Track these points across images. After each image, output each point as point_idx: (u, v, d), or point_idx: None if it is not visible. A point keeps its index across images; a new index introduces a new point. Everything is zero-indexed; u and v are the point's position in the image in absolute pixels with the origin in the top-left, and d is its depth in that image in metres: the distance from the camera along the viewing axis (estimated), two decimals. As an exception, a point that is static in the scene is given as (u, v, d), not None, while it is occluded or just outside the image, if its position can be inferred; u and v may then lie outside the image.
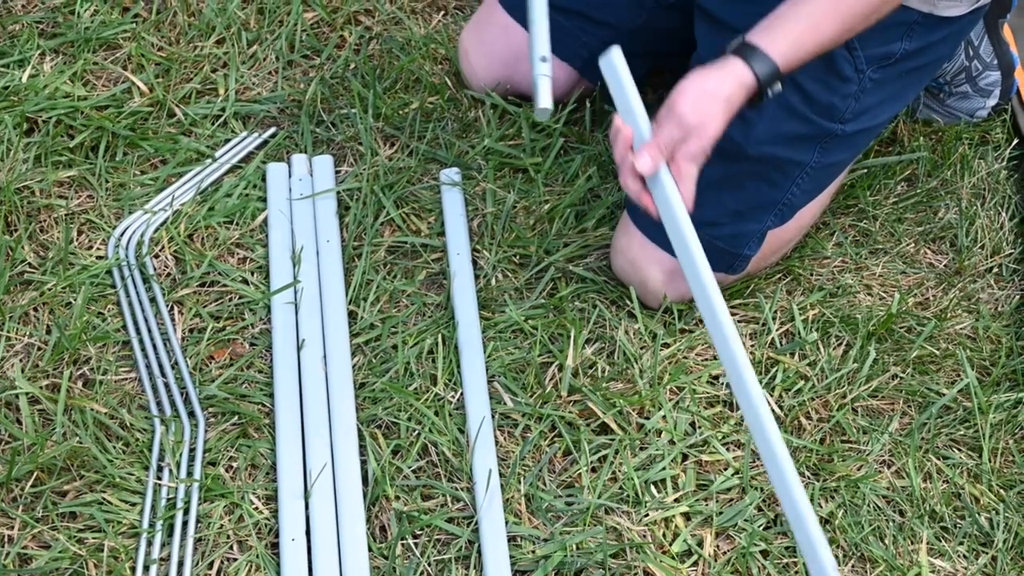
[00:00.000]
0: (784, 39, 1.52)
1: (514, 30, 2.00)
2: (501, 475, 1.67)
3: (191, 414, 1.71)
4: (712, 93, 1.50)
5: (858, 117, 1.77)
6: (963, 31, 1.81)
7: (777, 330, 1.85)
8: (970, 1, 1.75)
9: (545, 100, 1.58)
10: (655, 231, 1.80)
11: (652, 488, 1.68)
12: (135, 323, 1.80)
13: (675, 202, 1.45)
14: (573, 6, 1.95)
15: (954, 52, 2.00)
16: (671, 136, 1.47)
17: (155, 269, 1.86)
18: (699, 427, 1.74)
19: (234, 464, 1.67)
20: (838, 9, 1.52)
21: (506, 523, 1.62)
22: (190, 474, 1.65)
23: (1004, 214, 2.03)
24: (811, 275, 1.93)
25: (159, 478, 1.64)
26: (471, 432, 1.69)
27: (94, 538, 1.58)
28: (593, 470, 1.69)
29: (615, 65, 1.51)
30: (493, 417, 1.72)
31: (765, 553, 1.63)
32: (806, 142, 1.76)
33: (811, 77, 1.70)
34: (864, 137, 1.83)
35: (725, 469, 1.71)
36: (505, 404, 1.75)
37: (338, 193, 1.97)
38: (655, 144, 1.47)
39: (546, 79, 1.58)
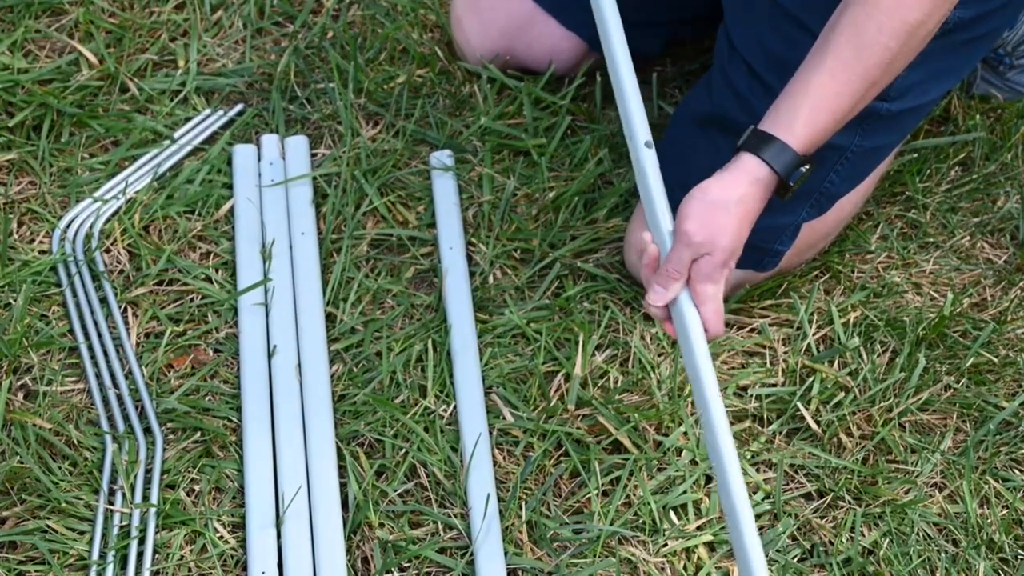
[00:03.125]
0: (797, 120, 1.52)
1: None
2: (500, 500, 1.67)
3: (147, 430, 1.71)
4: (719, 203, 1.51)
5: (905, 94, 1.77)
6: (1025, -4, 1.81)
7: (814, 335, 1.86)
8: (1033, -39, 1.76)
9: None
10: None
11: (672, 514, 1.68)
12: (83, 327, 1.80)
13: (692, 330, 1.47)
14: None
15: (1016, 20, 2.00)
16: (681, 259, 1.49)
17: (106, 265, 1.87)
18: (725, 445, 1.74)
19: (196, 487, 1.67)
20: (854, 69, 1.52)
21: (505, 554, 1.63)
22: (146, 498, 1.65)
23: (1072, 203, 2.04)
24: (852, 272, 1.94)
25: (111, 503, 1.64)
26: (466, 451, 1.70)
27: (37, 571, 1.59)
28: (604, 494, 1.70)
29: (645, 169, 1.51)
30: (491, 434, 1.73)
31: (800, 588, 1.64)
32: (846, 124, 1.77)
33: None
34: (912, 117, 1.83)
35: (755, 492, 1.71)
36: (504, 419, 1.75)
37: (314, 179, 1.97)
38: (665, 273, 1.49)
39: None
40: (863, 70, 1.52)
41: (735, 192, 1.51)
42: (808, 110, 1.52)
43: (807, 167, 1.53)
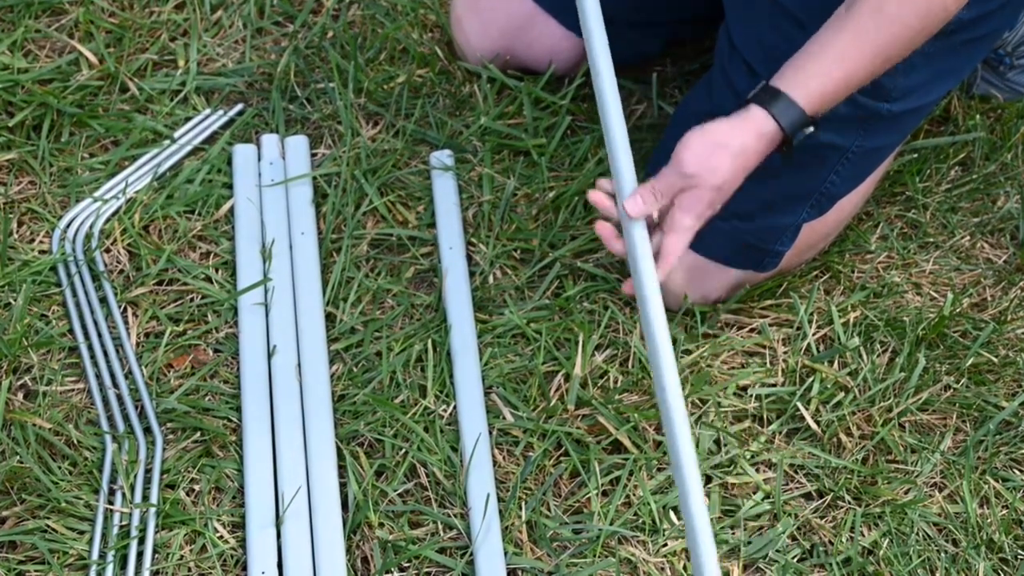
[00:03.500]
0: (810, 80, 1.55)
1: None
2: (500, 500, 1.67)
3: (147, 430, 1.71)
4: (720, 144, 1.54)
5: (906, 96, 1.77)
6: (1026, -4, 1.81)
7: (814, 335, 1.86)
8: (1034, -38, 1.76)
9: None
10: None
11: (671, 514, 1.69)
12: (83, 327, 1.80)
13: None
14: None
15: (1015, 21, 2.00)
16: (668, 182, 1.52)
17: (106, 265, 1.87)
18: (725, 445, 1.74)
19: (196, 487, 1.68)
20: (871, 39, 1.54)
21: (505, 554, 1.63)
22: (146, 498, 1.65)
23: (1072, 203, 2.04)
24: (852, 272, 1.94)
25: (110, 503, 1.64)
26: (465, 451, 1.70)
27: (37, 571, 1.59)
28: (604, 494, 1.70)
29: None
30: (490, 434, 1.73)
31: (800, 588, 1.65)
32: (847, 124, 1.77)
33: None
34: (913, 118, 1.83)
35: (755, 493, 1.72)
36: (504, 419, 1.75)
37: (314, 179, 1.97)
38: (649, 188, 1.51)
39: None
40: (881, 43, 1.55)
41: (738, 140, 1.54)
42: (821, 74, 1.55)
43: (812, 128, 1.56)
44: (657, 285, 1.47)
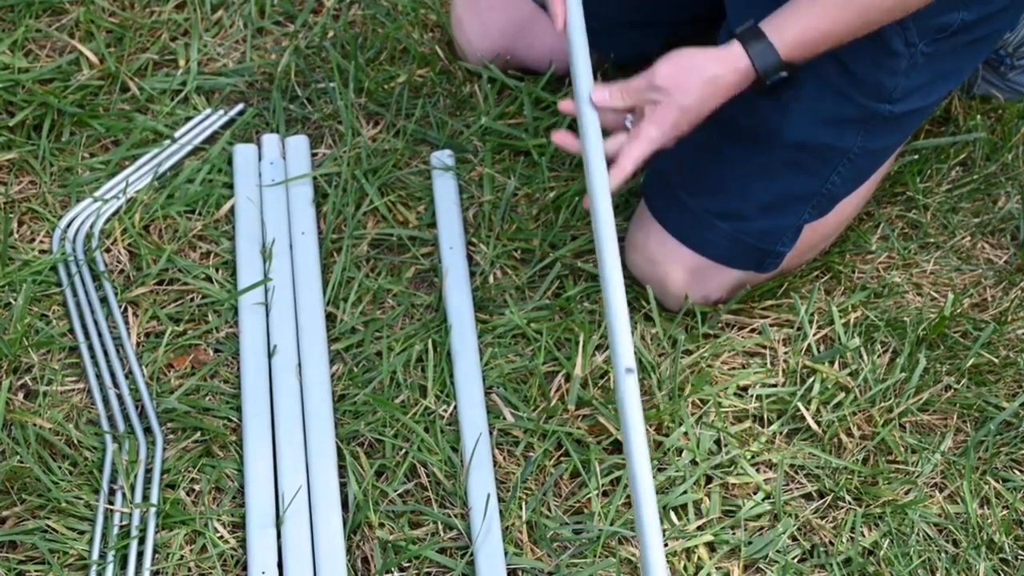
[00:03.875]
0: (792, 28, 1.63)
1: None
2: (500, 500, 1.68)
3: (147, 430, 1.72)
4: (696, 68, 1.63)
5: (908, 96, 1.77)
6: (1026, -3, 1.82)
7: (814, 335, 1.86)
8: (1035, -38, 1.76)
9: None
10: (677, 224, 1.80)
11: (672, 515, 1.69)
12: (83, 327, 1.80)
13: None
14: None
15: (1017, 22, 2.00)
16: (639, 87, 1.62)
17: (106, 265, 1.87)
18: (725, 445, 1.75)
19: (196, 487, 1.68)
20: (854, 1, 1.61)
21: (505, 554, 1.63)
22: (146, 498, 1.65)
23: (1073, 203, 2.04)
24: (853, 273, 1.94)
25: (111, 502, 1.64)
26: (466, 451, 1.70)
27: (37, 570, 1.59)
28: (604, 494, 1.70)
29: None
30: (491, 434, 1.73)
31: (800, 589, 1.65)
32: (849, 125, 1.77)
33: (855, 51, 1.71)
34: (914, 119, 1.83)
35: (755, 493, 1.72)
36: (504, 419, 1.75)
37: (314, 178, 1.97)
38: (619, 86, 1.62)
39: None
40: (864, 7, 1.62)
41: (714, 68, 1.63)
42: (805, 25, 1.63)
43: (785, 72, 1.64)
44: (606, 177, 1.55)
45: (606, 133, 1.62)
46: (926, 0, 1.62)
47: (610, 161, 1.60)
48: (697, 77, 1.62)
